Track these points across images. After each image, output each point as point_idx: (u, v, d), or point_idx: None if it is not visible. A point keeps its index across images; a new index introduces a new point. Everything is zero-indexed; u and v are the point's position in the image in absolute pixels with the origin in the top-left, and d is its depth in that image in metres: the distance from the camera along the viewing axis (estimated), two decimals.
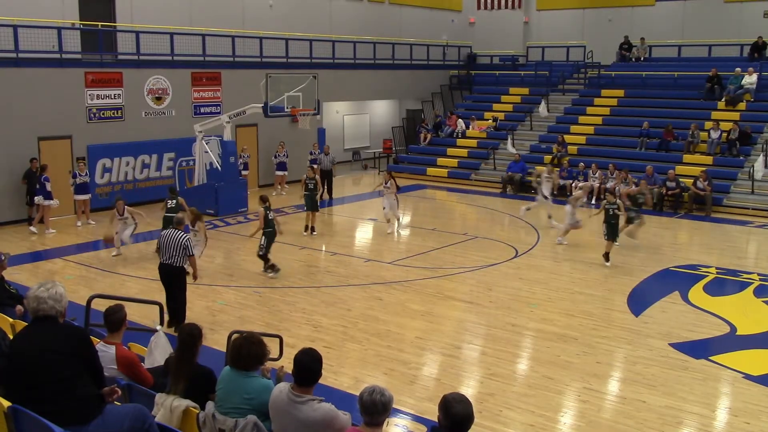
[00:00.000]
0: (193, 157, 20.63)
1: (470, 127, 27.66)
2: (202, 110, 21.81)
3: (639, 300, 12.38)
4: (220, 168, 19.62)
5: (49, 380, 4.45)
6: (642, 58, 28.45)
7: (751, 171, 20.79)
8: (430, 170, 26.19)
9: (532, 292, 12.74)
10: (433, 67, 31.29)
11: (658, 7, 30.13)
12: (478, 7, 33.89)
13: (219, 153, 20.11)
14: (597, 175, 22.00)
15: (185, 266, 10.61)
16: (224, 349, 7.64)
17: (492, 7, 33.62)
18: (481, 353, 10.01)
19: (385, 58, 28.75)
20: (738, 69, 24.45)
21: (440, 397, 4.22)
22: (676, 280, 13.68)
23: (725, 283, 13.66)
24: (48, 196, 16.89)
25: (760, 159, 21.23)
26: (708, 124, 22.85)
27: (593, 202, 21.71)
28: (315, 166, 19.60)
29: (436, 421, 4.19)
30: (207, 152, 19.85)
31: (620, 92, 26.55)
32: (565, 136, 24.72)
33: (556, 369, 9.36)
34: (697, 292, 12.85)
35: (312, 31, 25.64)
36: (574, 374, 9.22)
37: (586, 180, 22.12)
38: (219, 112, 21.29)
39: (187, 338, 5.30)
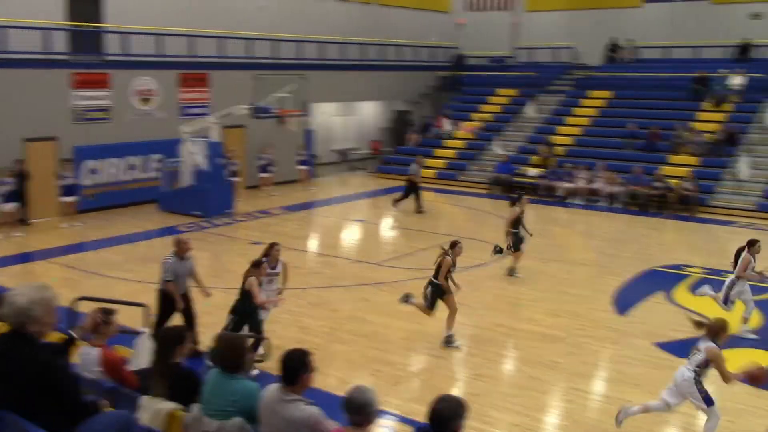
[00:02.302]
0: (180, 159, 20.53)
1: (456, 128, 27.68)
2: (190, 111, 21.73)
3: (624, 300, 12.46)
4: (206, 169, 19.53)
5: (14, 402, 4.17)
6: (630, 60, 28.60)
7: (736, 171, 20.94)
8: None
9: (518, 293, 12.79)
10: (421, 69, 31.30)
11: (646, 9, 30.31)
12: (467, 9, 33.95)
13: (206, 154, 20.00)
14: (583, 175, 22.10)
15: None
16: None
17: (480, 9, 33.70)
18: (468, 354, 10.04)
19: (374, 60, 28.74)
20: (724, 70, 24.61)
21: (427, 398, 4.28)
22: (661, 279, 13.77)
23: (710, 283, 13.72)
24: None
25: (745, 159, 21.41)
26: (693, 126, 22.99)
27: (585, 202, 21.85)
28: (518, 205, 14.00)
29: (426, 421, 4.23)
30: (193, 153, 19.75)
31: (608, 93, 26.66)
32: (552, 137, 24.80)
33: (543, 369, 9.40)
34: (681, 292, 12.94)
35: (300, 32, 25.60)
36: (561, 374, 9.27)
37: (571, 180, 22.21)
38: (207, 114, 21.21)
39: (163, 340, 5.32)
